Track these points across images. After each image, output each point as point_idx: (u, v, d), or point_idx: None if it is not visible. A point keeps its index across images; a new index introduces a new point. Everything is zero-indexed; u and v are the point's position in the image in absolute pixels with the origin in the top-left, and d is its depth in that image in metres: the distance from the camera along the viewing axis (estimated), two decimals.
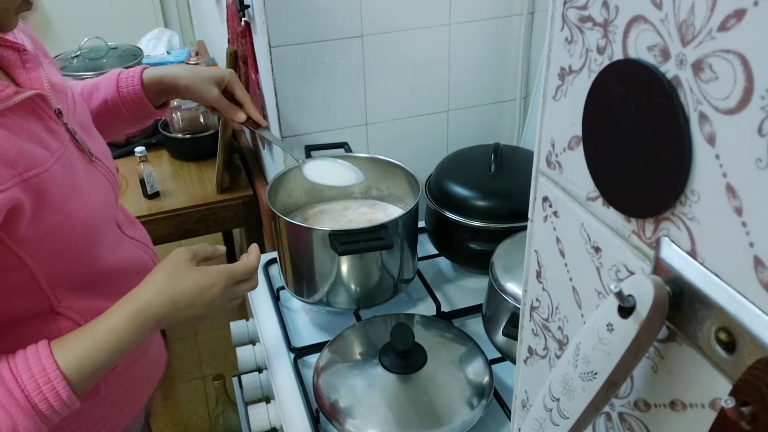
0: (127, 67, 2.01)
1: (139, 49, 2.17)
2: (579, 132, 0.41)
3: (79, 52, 2.06)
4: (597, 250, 0.41)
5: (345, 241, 0.97)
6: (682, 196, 0.33)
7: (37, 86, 0.76)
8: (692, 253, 0.33)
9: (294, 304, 1.16)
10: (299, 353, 1.03)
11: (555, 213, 0.46)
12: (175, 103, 1.77)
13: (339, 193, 1.22)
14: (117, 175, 0.88)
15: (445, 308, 1.11)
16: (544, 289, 0.50)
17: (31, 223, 0.69)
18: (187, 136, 1.76)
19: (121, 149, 1.82)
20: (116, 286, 0.80)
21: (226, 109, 1.06)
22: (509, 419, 0.89)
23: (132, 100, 1.01)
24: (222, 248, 0.88)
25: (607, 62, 0.37)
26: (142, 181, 1.61)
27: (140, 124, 1.07)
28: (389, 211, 1.18)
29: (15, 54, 0.78)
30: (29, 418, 0.67)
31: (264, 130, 1.10)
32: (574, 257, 0.45)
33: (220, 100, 1.05)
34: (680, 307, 0.34)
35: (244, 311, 2.40)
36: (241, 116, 1.07)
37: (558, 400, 0.40)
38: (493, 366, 0.93)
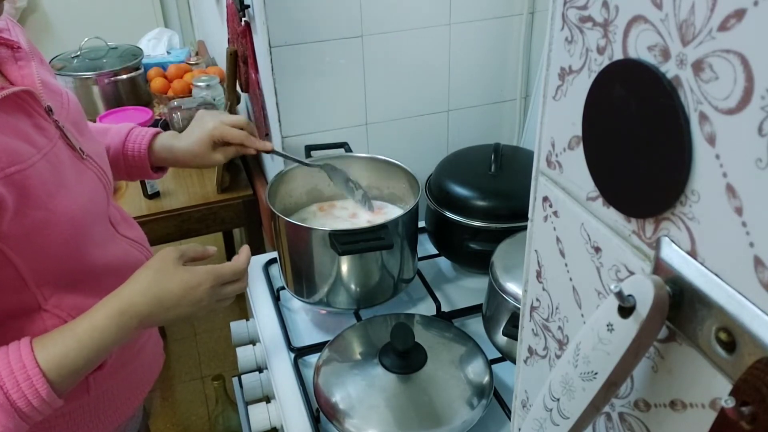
0: (127, 68, 2.02)
1: (139, 49, 2.17)
2: (579, 132, 0.41)
3: (79, 52, 2.06)
4: (597, 250, 0.41)
5: (345, 241, 0.97)
6: (682, 196, 0.33)
7: (28, 83, 0.76)
8: (692, 253, 0.33)
9: (294, 304, 1.16)
10: (299, 353, 1.03)
11: (555, 213, 0.46)
12: (175, 102, 1.77)
13: (339, 193, 1.22)
14: (110, 174, 0.88)
15: (445, 308, 1.11)
16: (544, 289, 0.50)
17: (14, 218, 0.69)
18: None
19: None
20: (107, 284, 0.79)
21: (237, 153, 1.05)
22: (509, 419, 0.89)
23: (133, 158, 1.02)
24: (212, 249, 0.88)
25: (607, 62, 0.37)
26: (142, 182, 1.61)
27: (131, 180, 1.09)
28: (389, 211, 1.19)
29: (8, 51, 0.78)
30: (8, 415, 0.67)
31: (275, 152, 1.09)
32: (574, 257, 0.45)
33: (226, 156, 1.04)
34: (680, 307, 0.34)
35: (244, 311, 2.40)
36: (250, 152, 1.05)
37: (558, 400, 0.40)
38: (493, 366, 0.93)
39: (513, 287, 0.90)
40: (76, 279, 0.79)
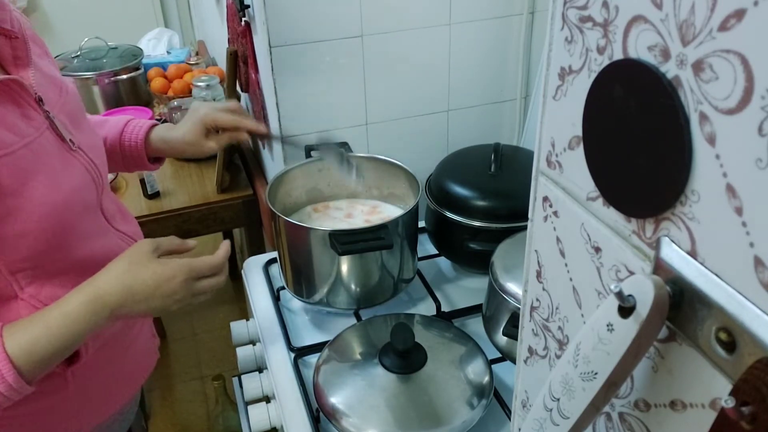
0: (127, 68, 2.03)
1: (139, 49, 2.17)
2: (579, 132, 0.41)
3: (79, 52, 2.06)
4: (597, 250, 0.41)
5: (345, 241, 0.97)
6: (683, 196, 0.33)
7: (22, 73, 0.77)
8: (692, 253, 0.33)
9: (294, 304, 1.16)
10: (299, 353, 1.03)
11: (555, 213, 0.46)
12: (175, 102, 1.77)
13: (339, 193, 1.22)
14: (102, 168, 0.88)
15: (445, 308, 1.11)
16: (544, 289, 0.50)
17: None
18: None
19: None
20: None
21: (230, 140, 1.06)
22: (509, 419, 0.89)
23: (130, 149, 1.04)
24: (192, 243, 0.88)
25: (607, 62, 0.37)
26: (142, 181, 1.61)
27: (128, 170, 1.10)
28: (389, 211, 1.19)
29: (6, 41, 0.78)
30: None
31: (269, 136, 1.10)
32: (575, 257, 0.45)
33: (219, 144, 1.05)
34: (680, 307, 0.34)
35: (244, 311, 2.40)
36: (243, 136, 1.06)
37: (558, 400, 0.40)
38: (493, 366, 0.93)
39: (513, 287, 0.90)
40: (58, 269, 0.79)
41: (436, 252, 1.22)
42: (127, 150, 1.04)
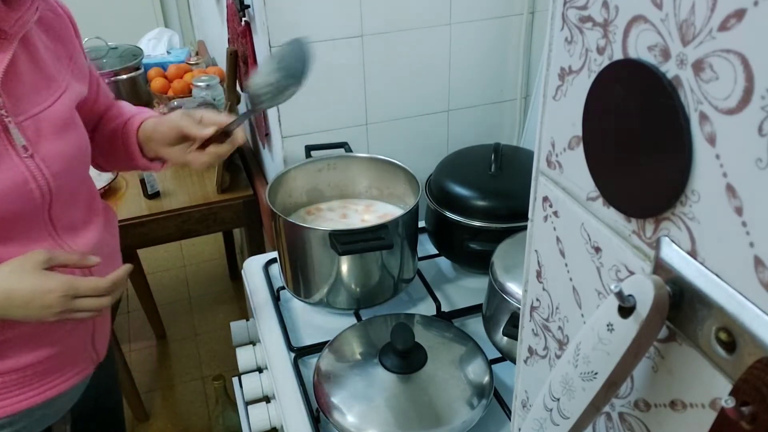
0: (127, 69, 2.02)
1: (139, 49, 2.17)
2: (579, 132, 0.41)
3: None
4: (597, 250, 0.41)
5: (345, 241, 0.97)
6: (683, 196, 0.33)
7: None
8: (692, 253, 0.33)
9: (294, 304, 1.16)
10: (299, 353, 1.03)
11: (555, 213, 0.46)
12: (175, 102, 1.77)
13: (339, 193, 1.22)
14: (57, 179, 0.84)
15: (445, 308, 1.11)
16: (544, 289, 0.50)
17: None
18: None
19: None
20: None
21: (192, 127, 0.94)
22: (509, 419, 0.89)
23: (127, 136, 1.00)
24: (95, 259, 0.86)
25: (607, 62, 0.37)
26: (142, 181, 1.61)
27: (133, 167, 1.03)
28: (384, 209, 1.19)
29: None
30: None
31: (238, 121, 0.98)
32: (575, 257, 0.45)
33: (183, 118, 0.94)
34: (680, 307, 0.34)
35: (244, 311, 2.40)
36: (208, 130, 0.94)
37: (558, 400, 0.40)
38: (493, 366, 0.93)
39: (513, 287, 0.90)
40: None
41: (436, 252, 1.22)
42: (125, 137, 1.00)
